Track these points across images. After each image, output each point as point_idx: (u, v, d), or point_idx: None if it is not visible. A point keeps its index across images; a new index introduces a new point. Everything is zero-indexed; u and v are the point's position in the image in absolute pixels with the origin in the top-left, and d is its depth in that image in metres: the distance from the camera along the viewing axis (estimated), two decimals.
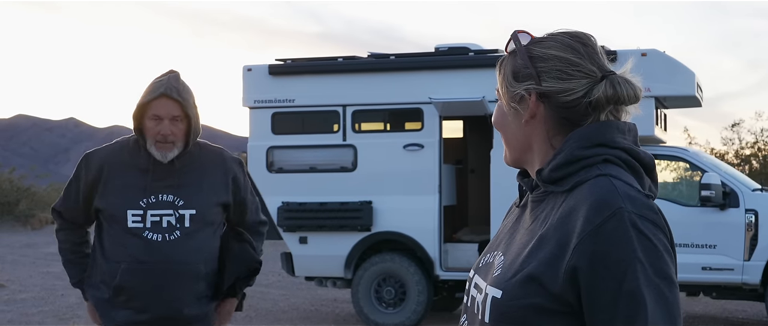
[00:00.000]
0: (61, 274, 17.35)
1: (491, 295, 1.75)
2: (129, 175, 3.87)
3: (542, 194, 1.83)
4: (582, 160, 1.76)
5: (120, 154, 3.92)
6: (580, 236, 1.65)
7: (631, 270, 1.61)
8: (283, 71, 11.37)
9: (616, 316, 1.61)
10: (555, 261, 1.67)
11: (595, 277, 1.63)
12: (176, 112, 3.78)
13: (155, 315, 3.88)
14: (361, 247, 11.04)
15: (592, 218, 1.65)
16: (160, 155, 3.82)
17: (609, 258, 1.62)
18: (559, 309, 1.68)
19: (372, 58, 11.49)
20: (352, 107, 11.15)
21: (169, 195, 3.86)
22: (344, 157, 11.19)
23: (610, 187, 1.69)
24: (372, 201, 10.94)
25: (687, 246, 10.25)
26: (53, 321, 11.59)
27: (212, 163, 3.98)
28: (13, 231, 32.20)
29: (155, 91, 3.77)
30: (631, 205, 1.66)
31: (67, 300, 13.42)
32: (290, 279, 14.32)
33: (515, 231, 1.87)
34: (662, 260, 1.65)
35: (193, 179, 3.91)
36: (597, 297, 1.63)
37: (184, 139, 3.84)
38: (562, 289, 1.66)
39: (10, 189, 34.92)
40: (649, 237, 1.64)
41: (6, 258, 20.24)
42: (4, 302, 13.35)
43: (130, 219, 3.84)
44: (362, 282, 11.06)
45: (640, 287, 1.60)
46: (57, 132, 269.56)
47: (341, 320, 11.76)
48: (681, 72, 10.60)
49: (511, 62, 1.87)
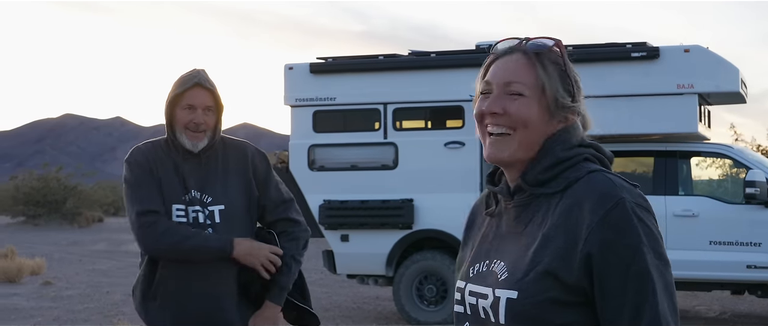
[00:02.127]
0: (107, 271, 17.58)
1: (505, 297, 1.85)
2: (167, 171, 3.87)
3: (527, 198, 1.92)
4: (567, 160, 1.90)
5: (155, 151, 3.92)
6: (589, 226, 1.79)
7: (639, 253, 1.78)
8: (324, 69, 11.41)
9: (626, 294, 1.78)
10: (567, 253, 1.80)
11: (607, 262, 1.78)
12: (209, 102, 3.83)
13: (191, 315, 3.86)
14: (402, 245, 11.05)
15: (598, 209, 1.80)
16: (191, 144, 3.83)
17: (618, 243, 1.78)
18: (574, 300, 1.82)
19: (413, 55, 11.50)
20: (393, 105, 11.16)
21: (197, 191, 3.86)
22: (385, 155, 11.20)
23: (607, 181, 1.84)
24: (413, 199, 10.94)
25: (731, 244, 10.14)
26: (98, 318, 11.72)
27: (236, 157, 3.96)
28: (60, 229, 32.63)
29: (188, 81, 3.82)
30: (630, 195, 1.82)
31: (112, 298, 13.58)
32: (332, 277, 14.36)
33: (503, 238, 1.96)
34: (659, 243, 1.82)
35: (219, 174, 3.90)
36: (609, 279, 1.79)
37: (213, 130, 3.87)
38: (578, 278, 1.80)
39: (57, 187, 35.37)
40: (647, 224, 1.82)
41: (53, 256, 20.50)
42: (51, 299, 13.53)
43: (175, 213, 3.83)
44: (404, 279, 11.06)
45: (647, 267, 1.78)
46: (104, 131, 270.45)
47: (383, 318, 11.78)
48: (725, 68, 10.48)
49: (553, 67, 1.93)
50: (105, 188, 46.40)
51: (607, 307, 1.79)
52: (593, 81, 10.37)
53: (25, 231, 31.14)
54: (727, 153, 10.73)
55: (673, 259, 8.93)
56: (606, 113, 10.47)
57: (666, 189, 10.45)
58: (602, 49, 10.78)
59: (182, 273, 3.83)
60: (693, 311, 12.23)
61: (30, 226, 33.79)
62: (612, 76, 10.46)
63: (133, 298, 4.03)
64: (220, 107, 3.87)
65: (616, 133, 10.68)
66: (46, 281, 15.50)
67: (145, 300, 3.91)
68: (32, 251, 20.29)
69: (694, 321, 11.34)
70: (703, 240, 10.19)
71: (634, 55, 10.40)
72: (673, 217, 10.24)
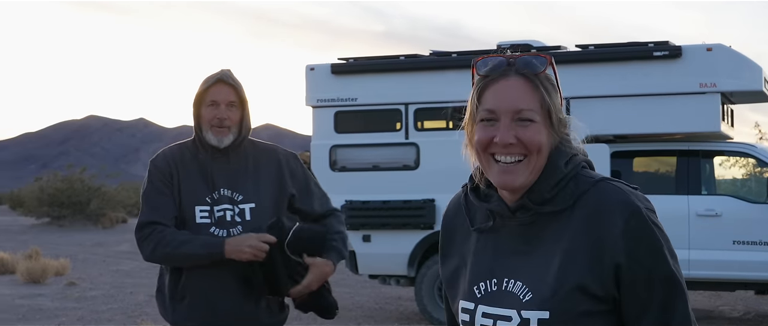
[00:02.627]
0: (131, 272, 17.67)
1: (536, 318, 1.84)
2: (192, 173, 3.91)
3: (533, 216, 1.90)
4: (568, 175, 1.90)
5: (180, 153, 3.97)
6: (613, 238, 1.83)
7: (663, 258, 1.85)
8: (345, 70, 11.43)
9: (655, 298, 1.84)
10: (595, 265, 1.84)
11: (634, 269, 1.83)
12: (232, 98, 3.87)
13: (220, 313, 3.88)
14: (424, 245, 11.04)
15: (618, 220, 1.84)
16: (216, 140, 3.87)
17: (642, 251, 1.84)
18: (603, 309, 1.86)
19: (434, 56, 11.50)
20: (415, 105, 11.16)
21: (227, 189, 3.90)
22: (407, 155, 11.21)
23: (619, 191, 1.88)
24: (435, 199, 10.94)
25: (755, 244, 10.08)
26: (122, 318, 11.79)
27: (266, 157, 4.02)
28: (84, 230, 32.81)
29: (211, 79, 3.89)
30: (641, 202, 1.87)
31: (135, 298, 13.66)
32: (354, 278, 14.36)
33: (508, 257, 1.92)
34: (670, 243, 1.89)
35: (249, 173, 3.94)
36: (638, 285, 1.84)
37: (238, 126, 3.90)
38: (608, 289, 1.84)
39: (81, 188, 35.53)
40: (660, 226, 1.88)
41: (77, 257, 20.63)
42: (75, 299, 13.62)
43: (198, 215, 3.88)
44: (425, 280, 11.06)
45: (671, 269, 1.86)
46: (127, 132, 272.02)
47: (405, 318, 11.78)
48: (748, 67, 10.42)
49: (551, 86, 1.91)
50: (129, 189, 46.59)
51: (635, 311, 1.86)
52: (615, 80, 10.46)
53: (50, 232, 31.33)
54: (751, 152, 10.66)
55: (697, 259, 8.86)
56: (628, 113, 10.48)
57: (689, 188, 10.40)
58: (624, 48, 10.74)
59: (211, 272, 3.85)
60: (717, 311, 12.17)
61: (54, 227, 33.99)
62: (634, 76, 10.42)
63: (158, 301, 4.06)
64: (244, 102, 3.92)
65: (639, 132, 10.66)
66: (71, 281, 15.60)
67: (173, 301, 3.94)
68: (56, 252, 20.43)
69: (718, 321, 11.28)
70: (726, 239, 10.14)
71: (656, 54, 10.35)
72: (696, 217, 10.20)
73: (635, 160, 11.18)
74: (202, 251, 3.80)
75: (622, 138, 10.83)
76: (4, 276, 16.65)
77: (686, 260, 10.10)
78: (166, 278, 3.98)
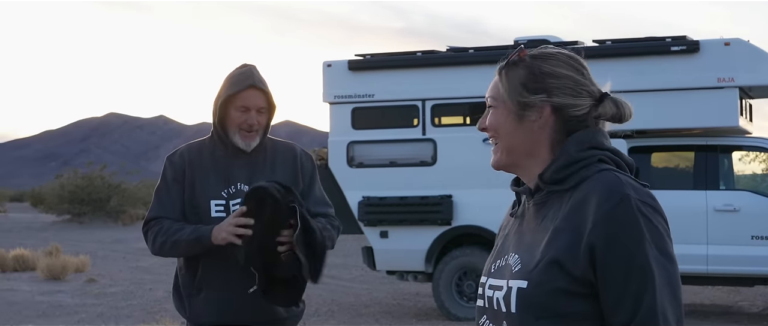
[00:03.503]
0: (150, 268, 17.75)
1: (516, 287, 1.96)
2: (209, 168, 3.94)
3: (545, 196, 2.05)
4: (581, 160, 2.00)
5: (198, 149, 4.00)
6: (594, 220, 1.89)
7: (641, 247, 1.87)
8: (362, 66, 11.44)
9: (628, 286, 1.86)
10: (573, 245, 1.90)
11: (610, 254, 1.87)
12: (262, 104, 3.89)
13: (238, 309, 3.88)
14: (441, 241, 11.06)
15: (604, 204, 1.89)
16: (244, 144, 3.89)
17: (621, 237, 1.87)
18: (581, 291, 1.90)
19: (451, 51, 11.50)
20: (432, 101, 11.16)
21: (244, 184, 3.91)
22: (424, 151, 11.22)
23: (615, 179, 1.94)
24: (452, 195, 10.95)
25: None
26: (141, 314, 11.86)
27: (283, 154, 4.04)
28: (104, 227, 32.99)
29: (243, 82, 3.87)
30: (635, 193, 1.91)
31: (154, 294, 13.72)
32: (372, 274, 14.39)
33: (522, 234, 2.07)
34: (664, 240, 1.90)
35: (266, 169, 3.95)
36: (612, 271, 1.87)
37: (264, 128, 3.95)
38: (583, 270, 1.89)
39: (101, 185, 35.71)
40: (652, 220, 1.90)
41: (97, 254, 20.74)
42: (95, 296, 13.70)
43: (214, 209, 3.90)
44: (443, 276, 11.07)
45: (649, 261, 1.86)
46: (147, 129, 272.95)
47: (423, 314, 11.79)
48: (766, 61, 10.38)
49: (516, 73, 2.06)
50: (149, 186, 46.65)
51: (609, 297, 1.88)
52: (633, 75, 10.43)
53: (70, 229, 31.52)
54: None
55: (715, 254, 8.82)
56: (646, 108, 10.43)
57: (707, 184, 10.36)
58: (642, 43, 10.72)
59: (227, 265, 3.84)
60: (736, 306, 12.13)
61: (75, 224, 34.19)
62: (652, 71, 10.41)
63: (174, 298, 4.06)
64: (272, 108, 3.96)
65: (656, 127, 10.63)
66: (90, 278, 15.69)
67: (189, 296, 3.94)
68: (77, 249, 20.55)
69: (737, 316, 11.24)
70: (744, 234, 10.10)
71: (673, 49, 10.33)
72: (714, 212, 10.16)
73: (653, 155, 11.16)
74: (191, 237, 3.81)
75: (640, 133, 10.80)
76: (25, 273, 16.76)
77: (704, 255, 10.07)
78: (182, 273, 3.99)
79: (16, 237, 25.79)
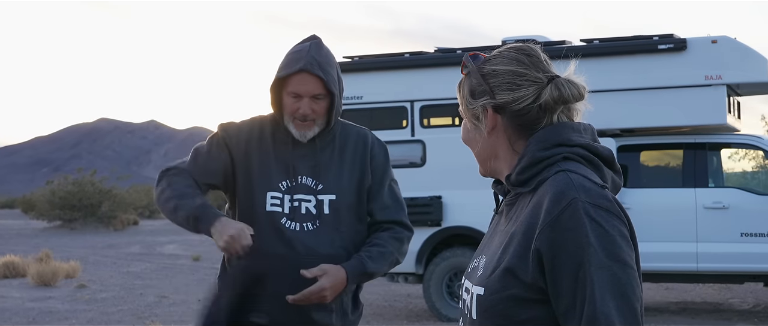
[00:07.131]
0: (141, 273, 17.72)
1: (476, 294, 1.92)
2: (269, 153, 3.47)
3: (513, 197, 2.00)
4: (543, 160, 1.92)
5: (258, 128, 3.51)
6: (541, 226, 1.82)
7: (585, 255, 1.77)
8: (350, 68, 11.42)
9: (576, 294, 1.78)
10: (524, 251, 1.84)
11: (556, 261, 1.80)
12: (317, 90, 3.38)
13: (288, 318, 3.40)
14: (431, 242, 11.05)
15: (551, 209, 1.82)
16: (299, 134, 3.42)
17: (566, 245, 1.79)
18: (534, 298, 1.84)
19: (438, 52, 11.50)
20: (420, 102, 11.16)
21: (308, 178, 3.45)
22: (413, 153, 11.21)
23: (566, 181, 1.85)
24: (442, 196, 10.94)
25: (763, 236, 10.04)
26: (132, 319, 11.82)
27: (354, 141, 3.56)
28: (95, 232, 32.92)
29: (293, 64, 3.37)
30: (585, 195, 1.81)
31: (145, 300, 13.69)
32: None
33: (494, 235, 2.04)
34: (615, 244, 1.79)
35: (334, 161, 3.49)
36: (559, 281, 1.80)
37: (326, 116, 3.44)
38: (533, 277, 1.82)
39: (92, 191, 35.67)
40: (601, 224, 1.79)
41: (88, 259, 20.69)
42: (85, 301, 13.66)
43: (269, 201, 3.41)
44: (434, 277, 11.06)
45: (591, 269, 1.76)
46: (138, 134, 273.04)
47: (414, 315, 11.79)
48: (753, 58, 10.40)
49: (468, 82, 2.05)
50: (139, 191, 46.74)
51: (560, 305, 1.81)
52: (620, 74, 10.45)
53: (61, 235, 31.43)
54: (758, 144, 10.63)
55: (705, 252, 8.85)
56: (634, 106, 10.47)
57: (696, 181, 10.37)
58: (629, 41, 10.73)
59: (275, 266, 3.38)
60: (726, 304, 12.15)
61: (66, 230, 34.10)
62: (639, 69, 10.42)
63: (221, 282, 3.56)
64: (333, 93, 3.41)
65: (645, 125, 10.64)
66: (81, 284, 15.65)
67: None
68: (68, 254, 20.50)
69: (728, 313, 11.25)
70: (734, 232, 10.11)
71: (661, 47, 10.35)
72: (703, 210, 10.17)
73: (642, 153, 11.17)
74: (190, 214, 3.35)
75: (628, 132, 10.81)
76: (15, 280, 16.70)
77: (694, 253, 10.08)
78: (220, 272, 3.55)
79: (7, 244, 25.72)
